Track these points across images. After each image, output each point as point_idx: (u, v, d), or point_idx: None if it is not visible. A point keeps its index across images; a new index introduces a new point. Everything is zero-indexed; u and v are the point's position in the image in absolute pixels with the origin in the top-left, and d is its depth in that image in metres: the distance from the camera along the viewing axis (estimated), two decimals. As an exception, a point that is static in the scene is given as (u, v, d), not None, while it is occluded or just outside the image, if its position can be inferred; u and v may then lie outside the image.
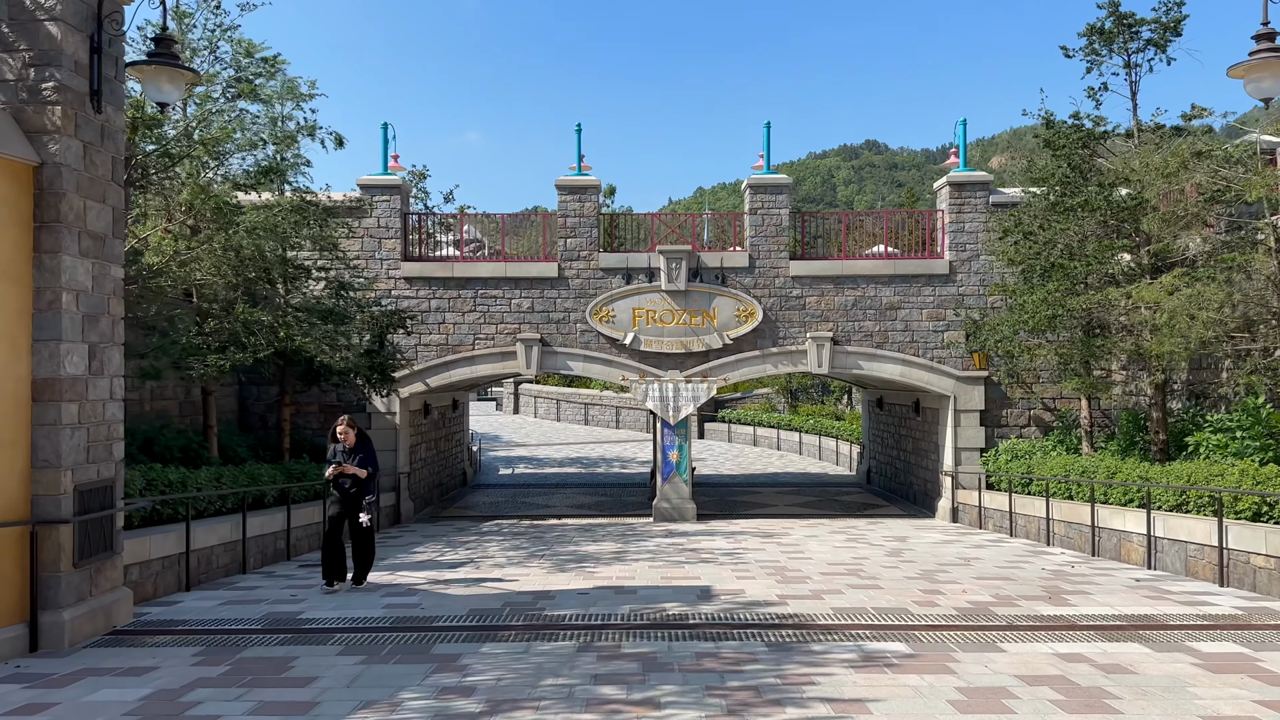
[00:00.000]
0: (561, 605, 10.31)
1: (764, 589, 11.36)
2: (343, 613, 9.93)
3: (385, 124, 21.57)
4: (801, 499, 24.75)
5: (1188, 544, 12.59)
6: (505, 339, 21.25)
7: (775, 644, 8.50)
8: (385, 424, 20.98)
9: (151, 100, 9.20)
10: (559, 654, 8.14)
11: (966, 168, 21.44)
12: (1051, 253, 16.41)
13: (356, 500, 11.46)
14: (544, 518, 21.43)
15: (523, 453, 37.17)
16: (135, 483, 11.58)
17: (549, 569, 13.17)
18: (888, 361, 21.02)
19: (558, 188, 21.42)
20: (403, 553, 15.33)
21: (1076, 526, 15.62)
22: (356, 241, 21.04)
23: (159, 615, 9.91)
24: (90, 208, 9.00)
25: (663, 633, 8.90)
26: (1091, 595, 10.96)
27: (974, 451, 20.67)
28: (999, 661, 7.90)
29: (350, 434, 11.47)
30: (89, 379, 8.99)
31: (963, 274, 21.03)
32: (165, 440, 14.80)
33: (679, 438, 21.11)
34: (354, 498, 11.47)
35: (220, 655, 8.18)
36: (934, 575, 12.51)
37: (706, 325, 21.08)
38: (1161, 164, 14.13)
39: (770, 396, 44.23)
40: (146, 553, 10.78)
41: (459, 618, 9.63)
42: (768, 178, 21.36)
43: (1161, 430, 15.89)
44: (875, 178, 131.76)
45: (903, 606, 10.21)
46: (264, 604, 10.52)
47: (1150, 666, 7.76)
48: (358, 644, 8.55)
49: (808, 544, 16.22)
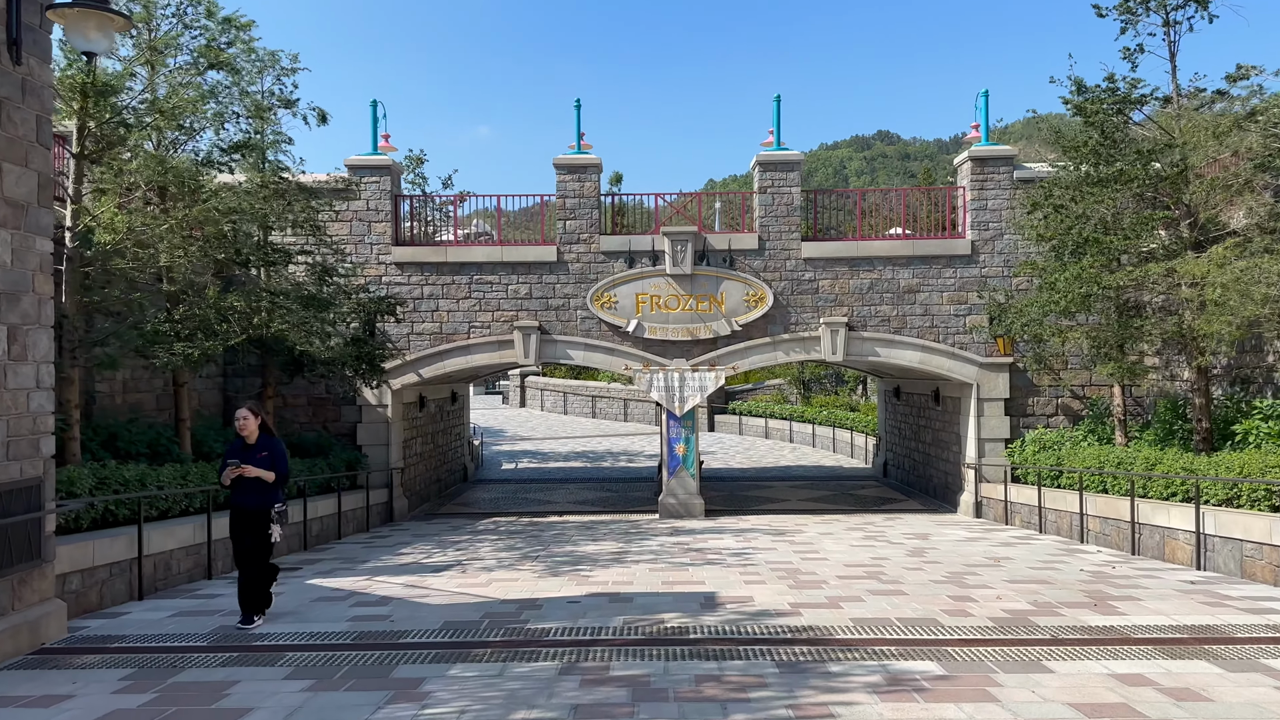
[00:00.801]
0: (548, 616, 9.23)
1: (775, 596, 10.25)
2: (302, 626, 8.87)
3: (375, 101, 20.52)
4: (815, 493, 23.61)
5: (1244, 542, 11.40)
6: (502, 327, 20.18)
7: (787, 663, 7.39)
8: (376, 417, 19.95)
9: (78, 50, 8.13)
10: (538, 677, 7.05)
11: (989, 142, 20.22)
12: (1085, 227, 15.21)
13: (260, 511, 8.86)
14: (544, 514, 20.38)
15: (527, 446, 36.12)
16: (84, 481, 10.57)
17: (540, 573, 12.09)
18: (906, 348, 19.85)
19: (556, 166, 20.30)
20: (387, 554, 14.29)
21: (1113, 522, 14.44)
22: (345, 225, 20.01)
23: (98, 629, 8.87)
24: (8, 172, 7.94)
25: (659, 650, 7.80)
26: (1141, 601, 9.80)
27: (998, 442, 19.50)
28: (1048, 685, 6.77)
29: (251, 425, 8.96)
30: (8, 365, 7.93)
31: (985, 254, 19.83)
32: (131, 435, 13.79)
33: (685, 430, 20.01)
34: (256, 510, 8.84)
35: (150, 679, 7.13)
36: (962, 578, 11.37)
37: (714, 311, 19.95)
38: (1212, 122, 12.89)
39: (782, 387, 43.07)
40: (90, 559, 9.74)
41: (431, 632, 8.56)
42: (778, 154, 20.19)
43: (1204, 418, 14.69)
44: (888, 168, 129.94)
45: (931, 616, 9.09)
46: (219, 615, 9.47)
47: (1226, 691, 6.63)
48: (310, 665, 7.48)
49: (822, 543, 15.10)
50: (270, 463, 8.88)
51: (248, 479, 8.80)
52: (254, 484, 8.83)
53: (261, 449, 8.91)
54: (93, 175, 12.41)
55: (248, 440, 8.92)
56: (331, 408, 20.05)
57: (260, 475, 8.80)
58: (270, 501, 8.87)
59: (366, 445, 19.89)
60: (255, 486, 8.85)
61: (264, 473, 8.81)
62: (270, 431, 9.07)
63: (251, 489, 8.85)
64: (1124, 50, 15.19)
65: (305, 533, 15.35)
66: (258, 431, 8.96)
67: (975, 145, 20.06)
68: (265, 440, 8.98)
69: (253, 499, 8.86)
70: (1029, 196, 17.09)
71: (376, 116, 20.54)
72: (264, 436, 9.00)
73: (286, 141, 16.94)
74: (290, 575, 12.18)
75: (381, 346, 18.55)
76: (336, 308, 16.95)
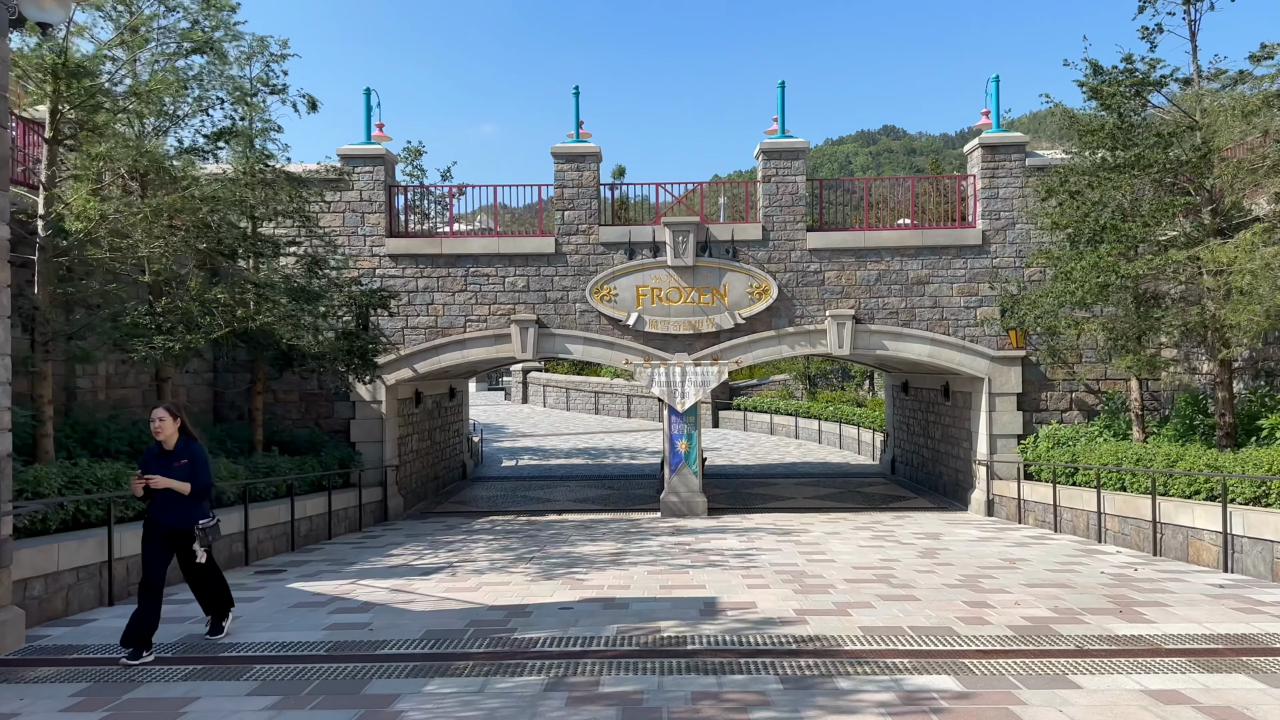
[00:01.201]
0: (537, 625, 8.68)
1: (779, 601, 9.69)
2: (275, 635, 8.34)
3: (368, 89, 19.94)
4: (821, 491, 23.03)
5: (1275, 544, 10.80)
6: (499, 320, 19.62)
7: (792, 678, 6.83)
8: (370, 413, 19.41)
9: (32, 19, 7.59)
10: (520, 694, 6.51)
11: (1000, 129, 19.59)
12: (1102, 214, 14.60)
13: (183, 531, 7.66)
14: (543, 513, 19.84)
15: (528, 443, 35.58)
16: (52, 481, 10.04)
17: (534, 576, 11.54)
18: (915, 341, 19.24)
19: (554, 155, 19.73)
20: (377, 555, 13.75)
21: (1133, 522, 13.85)
22: (338, 216, 19.46)
23: (59, 639, 8.35)
24: (-44, 150, 7.43)
25: (654, 663, 7.25)
26: (1170, 607, 9.22)
27: (1010, 438, 18.90)
28: (1076, 703, 6.21)
29: (168, 428, 7.63)
30: (-44, 358, 7.41)
31: (997, 244, 19.21)
32: (110, 432, 13.26)
33: (688, 426, 19.44)
34: (178, 529, 7.65)
35: (104, 695, 6.61)
36: (977, 582, 10.80)
37: (716, 304, 19.37)
38: (1240, 101, 12.26)
39: (787, 383, 42.45)
40: (54, 563, 9.21)
41: (411, 643, 8.01)
42: (782, 142, 19.59)
43: (1228, 412, 14.08)
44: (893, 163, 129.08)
45: (946, 625, 8.52)
46: (189, 622, 8.93)
47: (1269, 710, 6.07)
48: (279, 679, 6.95)
49: (829, 543, 14.53)
50: (189, 472, 7.61)
51: (168, 490, 7.57)
52: (174, 496, 7.60)
53: (180, 456, 7.63)
54: (67, 161, 11.88)
55: (165, 445, 7.66)
56: (324, 404, 19.52)
57: (172, 487, 7.53)
58: (194, 517, 7.66)
59: (360, 442, 19.35)
60: (176, 499, 7.61)
61: (177, 484, 7.53)
62: (191, 435, 7.79)
63: (172, 502, 7.61)
64: (1142, 29, 14.57)
65: (293, 533, 14.82)
66: (177, 435, 7.68)
67: (986, 132, 19.44)
68: (185, 446, 7.69)
69: (172, 514, 7.62)
70: (1043, 183, 16.46)
71: (370, 105, 19.98)
72: (184, 441, 7.71)
73: (276, 129, 16.42)
74: (272, 578, 11.67)
75: (374, 341, 18.00)
76: (327, 300, 16.42)
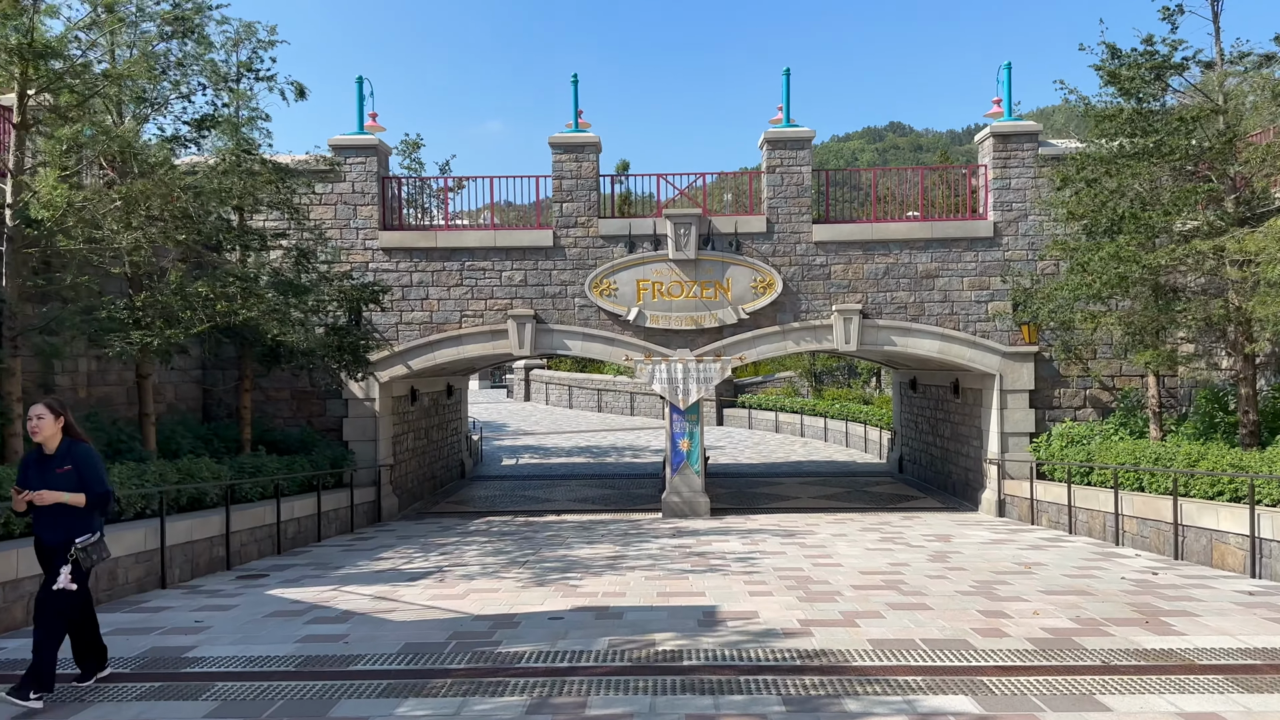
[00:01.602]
0: (524, 637, 8.13)
1: (783, 610, 9.14)
2: (243, 649, 7.80)
3: (360, 78, 19.42)
4: (828, 490, 22.46)
5: (1307, 549, 10.24)
6: (496, 316, 19.08)
7: (795, 699, 6.28)
8: (363, 411, 18.89)
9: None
10: (499, 718, 5.97)
11: (1011, 117, 18.98)
12: (1120, 203, 14.02)
13: (57, 546, 6.26)
14: (541, 514, 19.31)
15: (529, 441, 35.05)
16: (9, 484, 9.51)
17: (525, 582, 11.00)
18: (924, 336, 18.66)
19: (552, 145, 19.18)
20: (365, 559, 13.23)
21: (1153, 524, 13.28)
22: (329, 208, 18.94)
23: (14, 652, 7.82)
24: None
25: (647, 681, 6.70)
26: (1199, 617, 8.65)
27: (1023, 436, 18.31)
28: (1108, 729, 5.66)
29: (48, 428, 6.29)
30: (-105, 351, 6.88)
31: (1009, 236, 18.61)
32: (86, 431, 12.71)
33: (690, 424, 18.89)
34: (54, 546, 6.27)
35: (50, 715, 6.08)
36: (992, 589, 10.23)
37: (719, 298, 18.81)
38: (1270, 83, 11.68)
39: (793, 380, 41.84)
40: (13, 570, 8.71)
41: (387, 658, 7.47)
42: (787, 131, 19.01)
43: (1251, 409, 13.51)
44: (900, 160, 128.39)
45: (960, 637, 7.96)
46: (156, 633, 8.42)
47: (1323, 736, 5.50)
48: (240, 698, 6.42)
49: (836, 545, 13.97)
50: (75, 479, 6.27)
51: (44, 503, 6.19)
52: (59, 509, 6.24)
53: (62, 461, 6.29)
54: (36, 147, 11.37)
55: (45, 449, 6.35)
56: (316, 402, 19.00)
57: (63, 500, 6.20)
58: (71, 534, 6.23)
59: (353, 441, 18.83)
60: (59, 512, 6.24)
61: (70, 496, 6.21)
62: (77, 435, 6.45)
63: (51, 517, 6.26)
64: (1163, 10, 13.97)
65: (279, 535, 14.31)
66: (59, 436, 6.36)
67: (998, 120, 18.84)
68: (69, 448, 6.35)
69: (49, 531, 6.28)
70: (1058, 172, 15.88)
71: (363, 94, 19.44)
72: (68, 443, 6.38)
73: (263, 118, 15.92)
74: (252, 584, 11.15)
75: (367, 336, 17.46)
76: (316, 294, 15.89)
